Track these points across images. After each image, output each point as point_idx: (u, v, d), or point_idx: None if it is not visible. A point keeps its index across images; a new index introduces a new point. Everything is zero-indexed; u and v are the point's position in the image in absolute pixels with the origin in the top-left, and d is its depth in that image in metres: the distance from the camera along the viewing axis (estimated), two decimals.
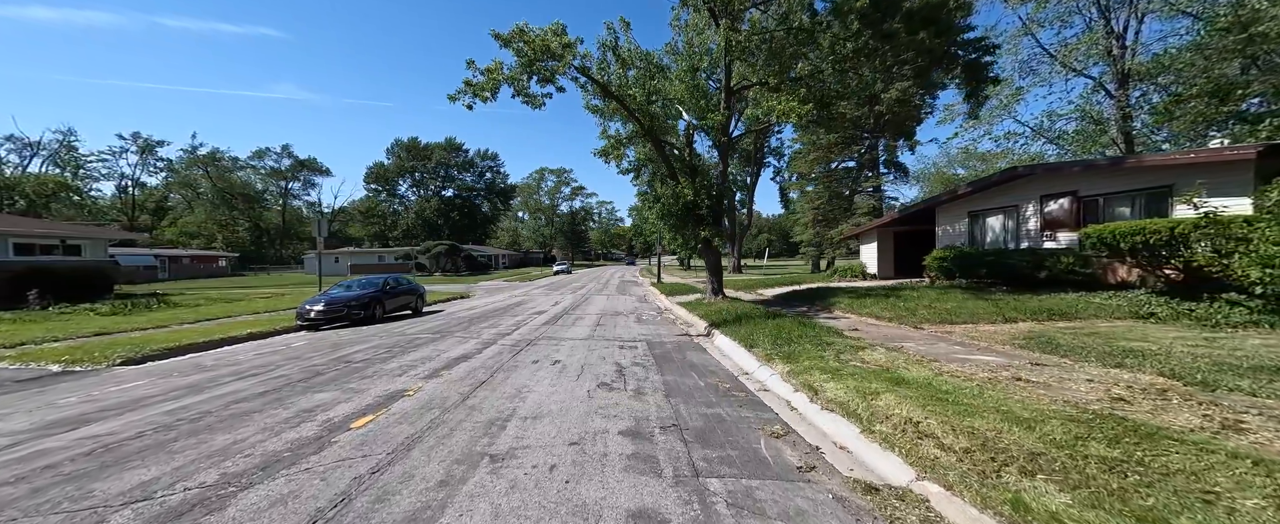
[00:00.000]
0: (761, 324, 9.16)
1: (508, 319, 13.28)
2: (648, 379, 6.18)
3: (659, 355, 7.79)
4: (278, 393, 5.51)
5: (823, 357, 6.35)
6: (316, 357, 7.91)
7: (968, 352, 6.21)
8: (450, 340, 9.57)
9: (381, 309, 14.21)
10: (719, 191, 14.45)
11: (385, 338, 10.12)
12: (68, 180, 65.19)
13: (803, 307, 13.19)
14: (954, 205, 14.66)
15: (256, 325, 12.30)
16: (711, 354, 7.98)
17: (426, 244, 54.83)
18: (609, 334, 10.14)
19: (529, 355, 7.82)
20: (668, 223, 14.51)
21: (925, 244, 19.56)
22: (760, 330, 8.56)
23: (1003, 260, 11.58)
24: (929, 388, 4.54)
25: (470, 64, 10.30)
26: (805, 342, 7.41)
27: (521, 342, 9.27)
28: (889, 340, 7.42)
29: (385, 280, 15.41)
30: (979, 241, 13.78)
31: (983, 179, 14.12)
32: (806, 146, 27.33)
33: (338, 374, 6.46)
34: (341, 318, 13.01)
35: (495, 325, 11.94)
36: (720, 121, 14.04)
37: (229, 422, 4.46)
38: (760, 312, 10.97)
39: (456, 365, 7.04)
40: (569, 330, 10.80)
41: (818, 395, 4.83)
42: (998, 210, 13.13)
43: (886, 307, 10.42)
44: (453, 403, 5.04)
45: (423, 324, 12.66)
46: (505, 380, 6.07)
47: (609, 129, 16.03)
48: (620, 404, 5.00)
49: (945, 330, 7.93)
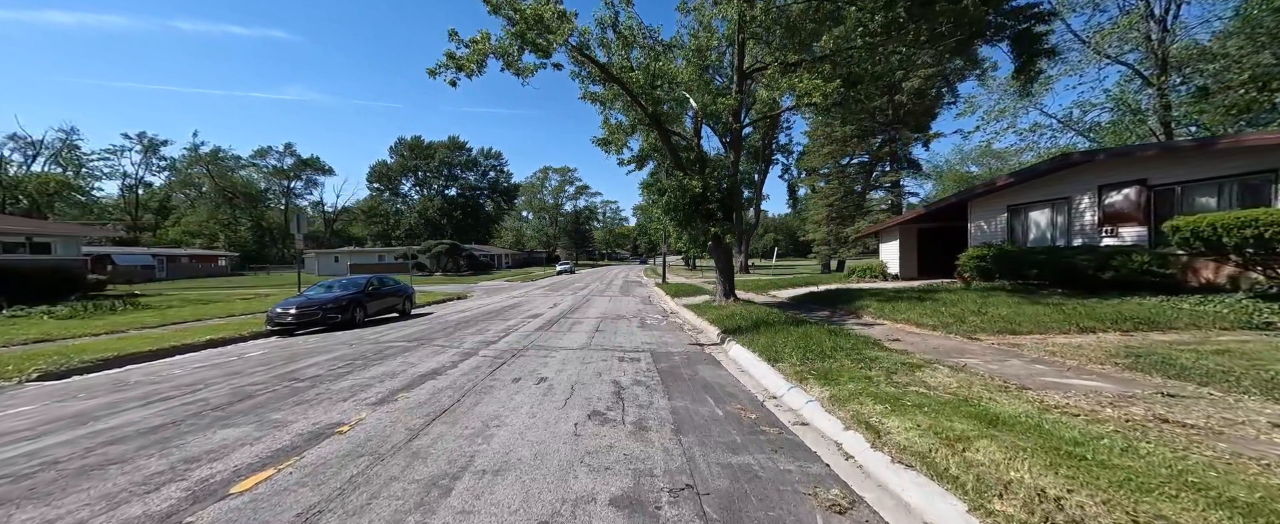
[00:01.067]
0: (783, 332, 7.90)
1: (498, 324, 12.09)
2: (652, 405, 4.94)
3: (665, 371, 6.55)
4: (174, 429, 4.31)
5: (869, 376, 5.09)
6: (260, 372, 6.72)
7: (1058, 373, 4.93)
8: (426, 350, 8.37)
9: (362, 312, 13.06)
10: (730, 184, 13.18)
11: (354, 346, 8.94)
12: (70, 180, 64.92)
13: (824, 310, 11.90)
14: (990, 199, 13.30)
15: (223, 331, 11.17)
16: (728, 369, 6.74)
17: (427, 243, 53.88)
18: (608, 343, 8.91)
19: (512, 370, 6.60)
20: (674, 218, 13.24)
21: (952, 242, 18.18)
22: (783, 340, 7.30)
23: (1057, 259, 10.22)
24: (1043, 433, 3.27)
25: (453, 35, 9.11)
26: (841, 355, 6.14)
27: (507, 352, 8.05)
28: (943, 354, 6.14)
29: (368, 281, 14.26)
30: (1019, 239, 12.42)
31: (1028, 168, 12.75)
32: (820, 140, 25.97)
33: (269, 398, 5.27)
34: (316, 322, 11.86)
35: (483, 331, 10.75)
36: (732, 107, 12.79)
37: (67, 480, 3.26)
38: (779, 317, 9.70)
39: (421, 385, 5.83)
40: (564, 338, 9.58)
41: (881, 439, 3.56)
42: (1044, 203, 11.76)
43: (925, 311, 9.12)
44: (393, 445, 3.82)
45: (404, 329, 11.49)
46: (473, 408, 4.85)
47: (610, 118, 14.83)
48: (616, 447, 3.77)
49: (1010, 343, 6.63)
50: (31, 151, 66.17)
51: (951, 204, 14.74)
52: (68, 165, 66.79)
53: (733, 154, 13.62)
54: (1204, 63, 19.34)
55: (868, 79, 10.04)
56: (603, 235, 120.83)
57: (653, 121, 13.06)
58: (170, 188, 75.67)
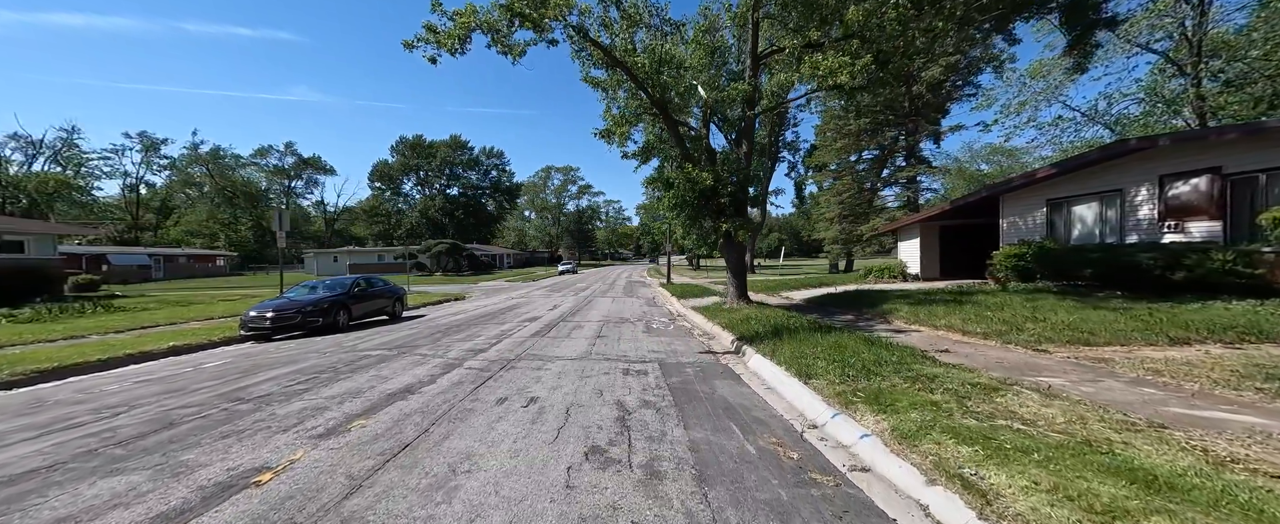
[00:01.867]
0: (809, 340, 6.92)
1: (492, 328, 11.12)
2: (665, 437, 3.96)
3: (678, 387, 5.57)
4: (42, 477, 3.35)
5: (935, 402, 4.10)
6: (204, 390, 5.77)
7: (1184, 402, 3.91)
8: (405, 360, 7.41)
9: (347, 315, 12.12)
10: (743, 177, 12.18)
11: (328, 355, 7.99)
12: (70, 179, 64.45)
13: (847, 314, 10.89)
14: (1026, 193, 12.23)
15: (193, 336, 10.27)
16: (750, 385, 5.75)
17: (427, 243, 53.06)
18: (611, 351, 7.93)
19: (498, 387, 5.62)
20: (681, 214, 12.26)
21: (977, 240, 17.11)
22: (811, 349, 6.32)
23: (1115, 258, 9.14)
24: (1246, 512, 2.26)
25: (436, 4, 8.12)
26: (888, 370, 5.15)
27: (497, 363, 7.08)
28: (1013, 371, 5.13)
29: (354, 281, 13.33)
30: (1060, 236, 11.36)
31: (1073, 158, 11.64)
32: (832, 135, 24.89)
33: (194, 428, 4.31)
34: (294, 327, 10.93)
35: (473, 337, 9.79)
36: (745, 94, 11.78)
37: None
38: (802, 321, 8.70)
39: (386, 408, 4.86)
40: (562, 345, 8.61)
41: (991, 506, 2.55)
42: (1091, 197, 10.67)
43: (967, 316, 8.09)
44: (322, 506, 2.85)
45: (390, 334, 10.54)
46: (441, 443, 3.88)
47: (612, 107, 13.85)
48: (622, 508, 2.79)
49: (1090, 357, 5.60)
50: (32, 151, 65.87)
51: (980, 199, 13.68)
52: (68, 164, 66.40)
53: (745, 145, 12.62)
54: (1244, 50, 18.19)
55: (898, 57, 9.02)
56: (606, 235, 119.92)
57: (659, 110, 12.09)
58: (172, 188, 75.20)
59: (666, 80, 11.79)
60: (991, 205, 13.99)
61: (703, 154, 13.16)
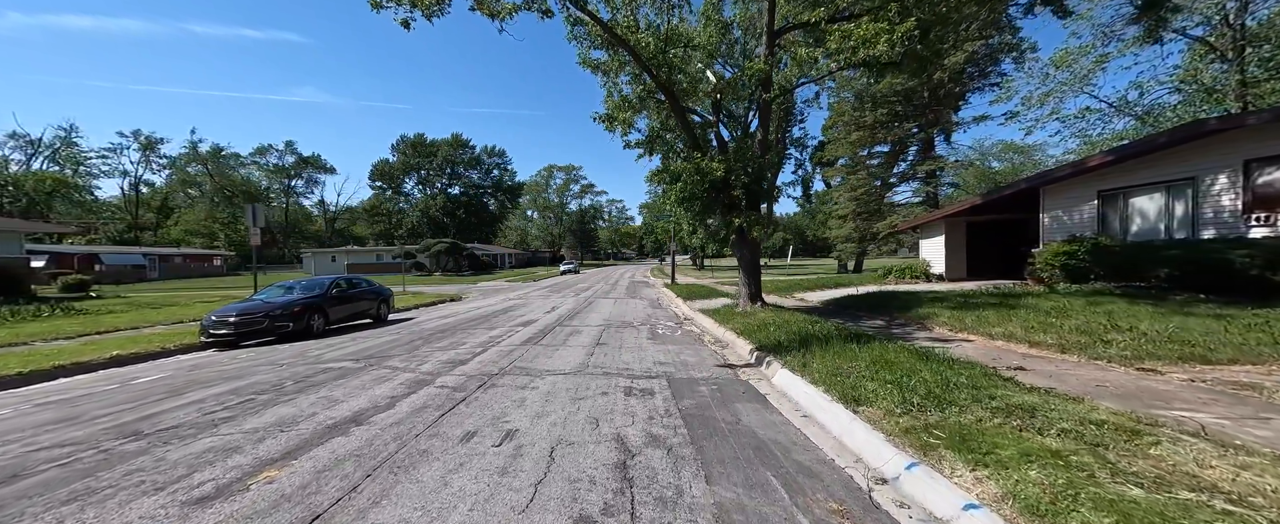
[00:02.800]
0: (845, 351, 5.81)
1: (480, 333, 10.03)
2: (681, 500, 2.86)
3: (693, 414, 4.46)
4: None
5: (1052, 448, 2.98)
6: (104, 419, 4.67)
7: None
8: (369, 375, 6.31)
9: (323, 319, 11.05)
10: (758, 167, 11.03)
11: (282, 369, 6.91)
12: (67, 177, 63.84)
13: (876, 319, 9.73)
14: (1073, 184, 11.01)
15: (148, 343, 9.24)
16: (780, 409, 4.64)
17: (426, 242, 52.11)
18: (612, 362, 6.82)
19: (469, 416, 4.52)
20: (689, 209, 11.15)
21: (1009, 237, 15.90)
22: (851, 363, 5.23)
23: (1200, 256, 7.88)
24: None
25: None
26: (963, 397, 4.03)
27: (476, 379, 5.97)
28: (1132, 400, 3.98)
29: (333, 282, 12.26)
30: (1114, 231, 10.15)
31: (1136, 142, 10.41)
32: (845, 128, 23.65)
33: (37, 484, 3.21)
34: (261, 332, 9.85)
35: (458, 344, 8.69)
36: (760, 74, 10.64)
37: None
38: (827, 328, 7.56)
39: (316, 447, 3.76)
40: (556, 355, 7.49)
41: None
42: (1154, 186, 9.43)
43: (1028, 324, 6.93)
44: None
45: (367, 341, 9.46)
46: (366, 514, 2.76)
47: (614, 92, 12.72)
48: None
49: (1219, 379, 4.44)
50: (31, 150, 65.31)
51: (1015, 193, 12.48)
52: (66, 163, 65.84)
53: (760, 131, 11.47)
54: None
55: (939, 27, 7.88)
56: (608, 235, 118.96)
57: (665, 94, 10.97)
58: (172, 187, 74.58)
59: (674, 59, 10.68)
60: (1028, 199, 12.79)
61: (713, 144, 12.05)
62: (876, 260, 41.70)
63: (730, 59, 12.35)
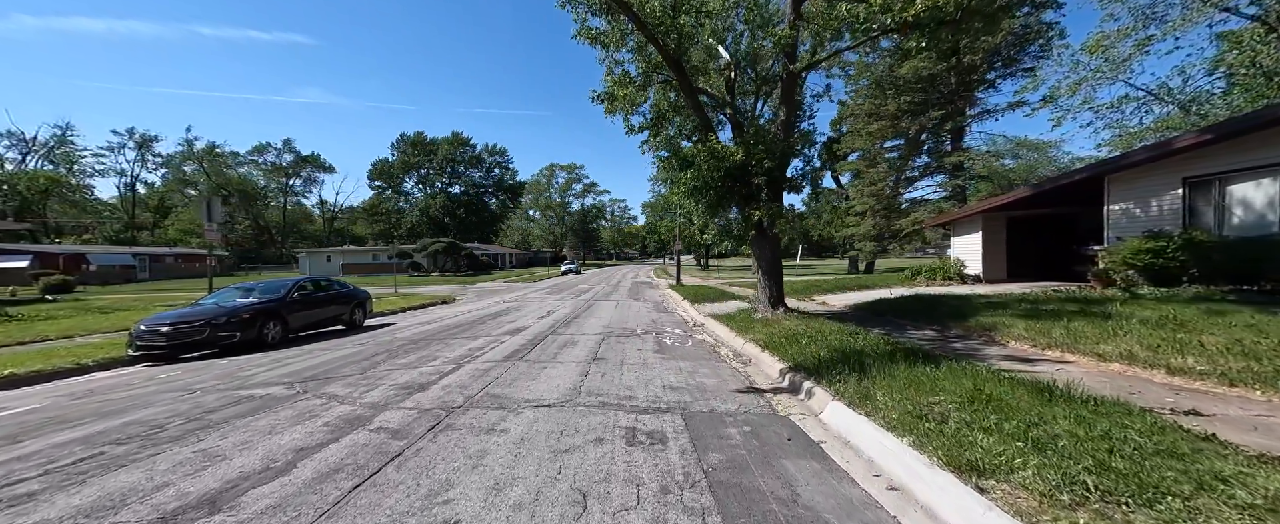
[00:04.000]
0: (915, 377, 4.41)
1: (459, 345, 8.58)
2: None
3: (725, 482, 3.00)
4: None
5: None
6: None
7: None
8: (297, 407, 4.86)
9: (280, 327, 9.62)
10: (783, 151, 9.55)
11: (193, 397, 5.48)
12: (61, 176, 62.82)
13: (925, 329, 8.22)
14: (1150, 170, 9.42)
15: (67, 356, 7.88)
16: (850, 472, 3.18)
17: (423, 242, 50.75)
18: (611, 386, 5.35)
19: (394, 488, 3.07)
20: (701, 201, 9.67)
21: (1055, 234, 14.35)
22: (932, 399, 3.81)
23: None
24: None
25: None
26: (1166, 474, 2.56)
27: (430, 415, 4.52)
28: None
29: (297, 284, 10.84)
30: (1207, 224, 8.59)
31: (1247, 116, 8.79)
32: (864, 118, 22.04)
33: None
34: (201, 343, 8.43)
35: (428, 359, 7.24)
36: (785, 42, 9.15)
37: None
38: (876, 342, 6.10)
39: None
40: (542, 375, 6.03)
41: None
42: (1264, 170, 7.85)
43: (1148, 341, 5.43)
44: None
45: (316, 357, 8.02)
46: None
47: (614, 68, 11.27)
48: None
49: None
50: (25, 148, 64.31)
51: (1075, 182, 10.93)
52: (60, 162, 64.85)
53: (783, 111, 9.98)
54: None
55: None
56: (611, 235, 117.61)
57: (673, 69, 9.52)
58: (169, 187, 73.50)
59: (683, 26, 9.21)
60: (1083, 191, 11.25)
61: (726, 128, 10.58)
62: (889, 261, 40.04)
63: (753, 20, 10.91)
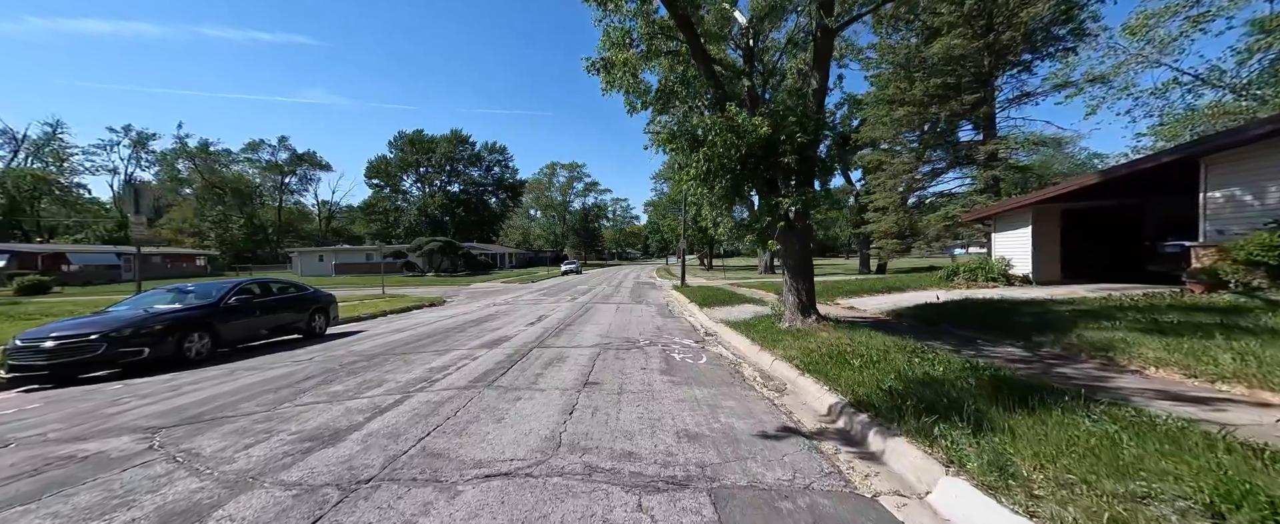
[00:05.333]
0: (1067, 433, 2.71)
1: (420, 363, 6.91)
2: None
3: None
4: None
5: None
6: None
7: None
8: (126, 477, 3.20)
9: (208, 339, 7.95)
10: (816, 125, 7.86)
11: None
12: (51, 175, 61.39)
13: (1004, 345, 6.53)
14: (1264, 149, 7.76)
15: None
16: None
17: (418, 241, 49.18)
18: (604, 432, 3.67)
19: None
20: (716, 187, 7.94)
21: (1118, 229, 12.62)
22: (1120, 486, 2.06)
23: None
24: None
25: None
26: None
27: (317, 497, 2.84)
28: None
29: (237, 286, 9.19)
30: None
31: None
32: (887, 105, 20.27)
33: None
34: (96, 362, 6.76)
35: (372, 385, 5.58)
36: None
37: None
38: (962, 367, 4.41)
39: None
40: (511, 413, 4.35)
41: None
42: None
43: None
44: None
45: (242, 378, 6.36)
46: None
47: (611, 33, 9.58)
48: None
49: None
50: (15, 146, 62.91)
51: (1157, 167, 9.21)
52: (51, 160, 63.42)
53: (817, 79, 8.27)
54: None
55: None
56: (612, 234, 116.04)
57: (683, 30, 7.88)
58: (165, 185, 72.04)
59: None
60: (1162, 178, 9.53)
61: (748, 94, 8.91)
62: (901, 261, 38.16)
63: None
